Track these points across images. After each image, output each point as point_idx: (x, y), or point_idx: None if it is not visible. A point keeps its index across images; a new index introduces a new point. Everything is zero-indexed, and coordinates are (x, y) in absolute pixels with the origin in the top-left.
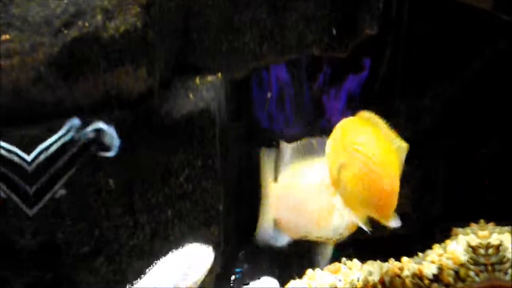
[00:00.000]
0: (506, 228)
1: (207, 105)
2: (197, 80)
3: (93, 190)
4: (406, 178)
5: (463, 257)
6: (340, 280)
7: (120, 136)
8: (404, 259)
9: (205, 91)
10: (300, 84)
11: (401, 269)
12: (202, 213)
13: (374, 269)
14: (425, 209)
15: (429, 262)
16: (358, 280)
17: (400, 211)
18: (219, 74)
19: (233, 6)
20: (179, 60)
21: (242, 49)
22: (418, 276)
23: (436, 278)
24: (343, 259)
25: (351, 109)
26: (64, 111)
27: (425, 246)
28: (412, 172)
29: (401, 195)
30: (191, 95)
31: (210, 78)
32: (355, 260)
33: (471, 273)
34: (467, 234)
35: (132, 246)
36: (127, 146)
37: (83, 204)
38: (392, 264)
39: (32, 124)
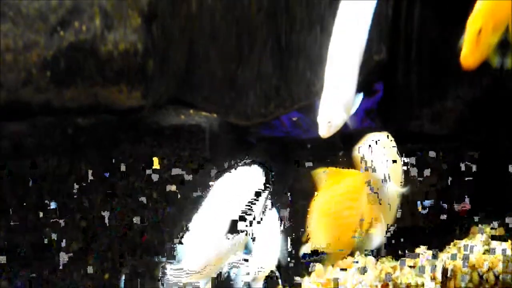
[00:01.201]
0: None
1: (197, 123)
2: (191, 111)
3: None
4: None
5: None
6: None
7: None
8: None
9: (198, 118)
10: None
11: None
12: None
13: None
14: (449, 203)
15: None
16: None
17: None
18: (215, 115)
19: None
20: (177, 96)
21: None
22: None
23: None
24: (357, 252)
25: (370, 118)
26: (50, 111)
27: (445, 240)
28: (438, 165)
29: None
30: (182, 117)
31: (205, 113)
32: (370, 257)
33: None
34: (485, 232)
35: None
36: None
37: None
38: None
39: (18, 120)
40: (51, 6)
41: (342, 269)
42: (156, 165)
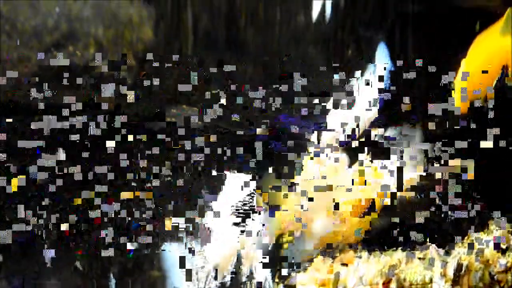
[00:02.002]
0: None
1: (187, 116)
2: (184, 106)
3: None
4: None
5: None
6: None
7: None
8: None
9: (190, 111)
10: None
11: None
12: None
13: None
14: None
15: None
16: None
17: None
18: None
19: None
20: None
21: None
22: None
23: None
24: (359, 247)
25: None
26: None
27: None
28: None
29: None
30: (173, 110)
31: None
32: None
33: None
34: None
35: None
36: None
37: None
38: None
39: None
40: (47, 27)
41: (343, 264)
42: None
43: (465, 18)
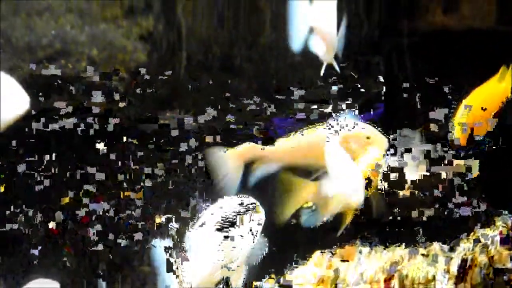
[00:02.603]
0: None
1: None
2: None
3: None
4: None
5: None
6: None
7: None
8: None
9: (184, 114)
10: None
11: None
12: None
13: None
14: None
15: None
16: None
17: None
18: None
19: None
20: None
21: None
22: None
23: None
24: (358, 243)
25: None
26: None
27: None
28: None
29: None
30: (167, 114)
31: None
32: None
33: None
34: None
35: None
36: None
37: None
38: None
39: None
40: (41, 44)
41: (343, 260)
42: None
43: (459, 40)
